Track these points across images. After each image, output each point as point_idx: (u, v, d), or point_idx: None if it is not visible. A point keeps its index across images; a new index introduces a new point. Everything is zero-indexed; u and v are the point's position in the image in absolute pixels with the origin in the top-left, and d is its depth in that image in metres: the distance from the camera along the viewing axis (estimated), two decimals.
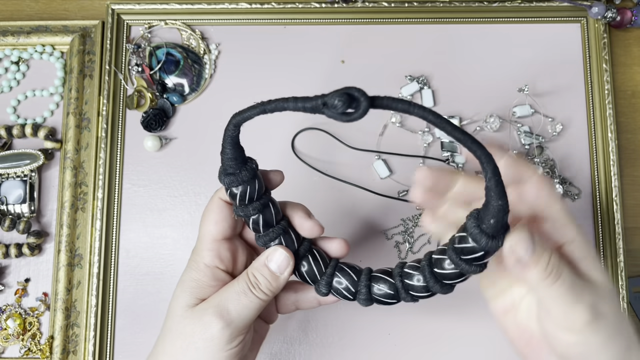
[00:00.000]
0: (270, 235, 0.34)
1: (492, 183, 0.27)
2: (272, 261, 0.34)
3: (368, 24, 0.54)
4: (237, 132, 0.32)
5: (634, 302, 0.49)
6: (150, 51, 0.53)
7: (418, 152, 0.52)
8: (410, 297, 0.34)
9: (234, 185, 0.33)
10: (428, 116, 0.26)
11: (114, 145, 0.52)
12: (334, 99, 0.25)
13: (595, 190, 0.51)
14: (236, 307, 0.33)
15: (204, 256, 0.34)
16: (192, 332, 0.33)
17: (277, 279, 0.33)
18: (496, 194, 0.27)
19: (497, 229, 0.28)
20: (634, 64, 0.54)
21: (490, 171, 0.27)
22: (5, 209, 0.50)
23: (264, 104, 0.28)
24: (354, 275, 0.36)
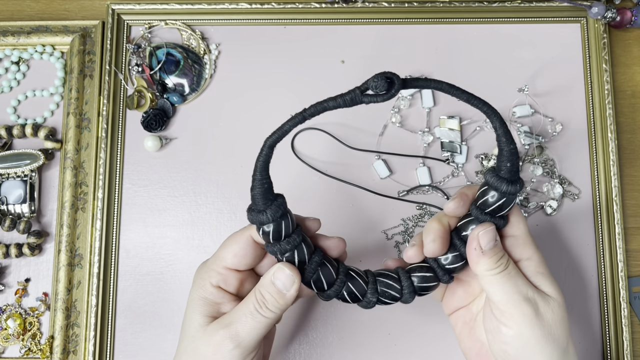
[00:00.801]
0: (311, 268, 0.36)
1: (501, 131, 0.32)
2: (278, 279, 0.34)
3: (368, 24, 0.54)
4: (270, 155, 0.32)
5: (634, 302, 0.49)
6: (150, 51, 0.53)
7: (418, 152, 0.52)
8: (446, 274, 0.37)
9: (265, 223, 0.33)
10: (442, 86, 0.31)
11: (114, 145, 0.52)
12: (376, 81, 0.29)
13: (595, 190, 0.51)
14: (245, 327, 0.34)
15: (211, 276, 0.36)
16: (205, 353, 0.34)
17: (284, 297, 0.34)
18: (507, 139, 0.32)
19: (513, 172, 0.33)
20: (633, 64, 0.54)
21: (497, 122, 0.32)
22: (6, 209, 0.50)
23: (303, 112, 0.30)
24: (394, 281, 0.37)
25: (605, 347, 0.48)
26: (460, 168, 0.51)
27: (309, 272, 0.35)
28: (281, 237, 0.34)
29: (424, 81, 0.31)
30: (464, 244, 0.36)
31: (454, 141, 0.51)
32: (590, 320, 0.49)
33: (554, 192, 0.50)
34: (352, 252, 0.50)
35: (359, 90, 0.29)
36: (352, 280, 0.37)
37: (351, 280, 0.37)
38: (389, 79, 0.30)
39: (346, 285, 0.37)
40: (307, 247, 0.35)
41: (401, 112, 0.52)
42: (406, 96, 0.52)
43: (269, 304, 0.34)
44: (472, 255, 0.34)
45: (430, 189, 0.51)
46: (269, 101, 0.53)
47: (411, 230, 0.50)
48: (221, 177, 0.52)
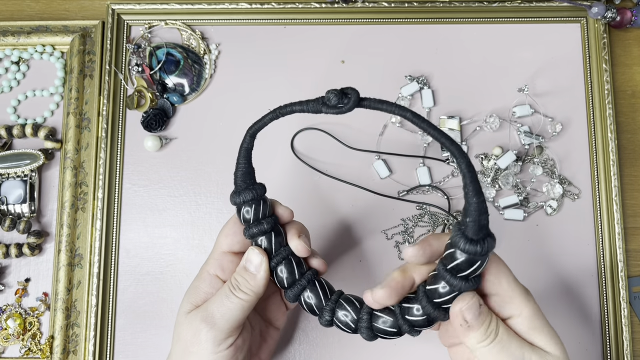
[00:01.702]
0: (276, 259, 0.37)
1: (468, 179, 0.29)
2: (249, 261, 0.36)
3: (368, 24, 0.54)
4: (252, 143, 0.36)
5: (634, 302, 0.49)
6: (150, 51, 0.53)
7: (418, 152, 0.52)
8: (413, 330, 0.34)
9: (246, 203, 0.36)
10: (406, 114, 0.30)
11: (114, 145, 0.52)
12: (329, 94, 0.31)
13: (595, 190, 0.51)
14: (220, 309, 0.35)
15: (209, 264, 0.37)
16: (186, 337, 0.36)
17: (255, 278, 0.35)
18: (473, 190, 0.29)
19: (476, 229, 0.29)
20: (633, 64, 0.54)
21: (464, 167, 0.28)
22: (6, 209, 0.50)
23: (275, 110, 0.33)
24: (354, 311, 0.36)
25: (605, 347, 0.48)
26: None
27: (273, 262, 0.37)
28: (256, 221, 0.36)
29: (387, 104, 0.30)
30: (429, 301, 0.33)
31: None
32: (590, 320, 0.49)
33: (554, 192, 0.50)
34: (352, 252, 0.50)
35: (322, 101, 0.31)
36: (313, 289, 0.37)
37: (313, 288, 0.37)
38: (347, 94, 0.31)
39: (306, 290, 0.37)
40: (277, 237, 0.37)
41: None
42: (406, 96, 0.52)
43: (242, 286, 0.35)
44: (459, 330, 0.32)
45: (430, 189, 0.51)
46: (269, 101, 0.53)
47: (411, 230, 0.50)
48: (221, 177, 0.52)
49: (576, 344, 0.48)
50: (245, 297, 0.35)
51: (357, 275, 0.49)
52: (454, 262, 0.31)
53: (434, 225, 0.50)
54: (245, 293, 0.35)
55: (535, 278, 0.49)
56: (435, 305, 0.33)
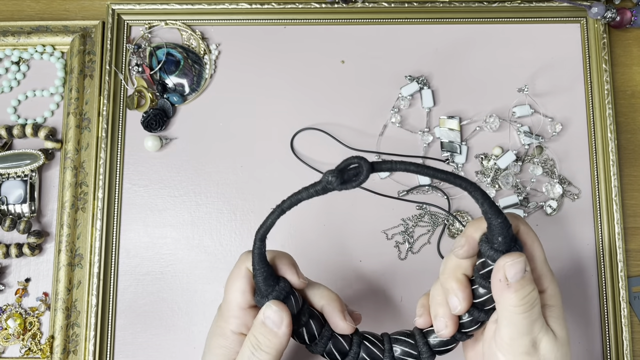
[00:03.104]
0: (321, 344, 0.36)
1: (486, 206, 0.30)
2: (267, 318, 0.33)
3: (368, 24, 0.54)
4: (263, 247, 0.33)
5: (634, 302, 0.49)
6: (150, 51, 0.53)
7: (418, 152, 0.52)
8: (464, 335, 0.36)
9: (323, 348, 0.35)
10: (422, 170, 0.29)
11: (114, 145, 0.52)
12: (328, 176, 0.28)
13: (595, 190, 0.51)
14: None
15: (230, 323, 0.35)
16: None
17: (277, 335, 0.33)
18: (493, 214, 0.30)
19: (507, 243, 0.31)
20: (633, 64, 0.54)
21: (480, 197, 0.30)
22: (6, 209, 0.50)
23: (280, 205, 0.30)
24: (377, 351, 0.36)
25: (605, 347, 0.48)
26: (460, 168, 0.51)
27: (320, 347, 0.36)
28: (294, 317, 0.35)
29: (401, 164, 0.29)
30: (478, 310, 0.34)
31: (454, 141, 0.51)
32: (590, 320, 0.49)
33: (553, 192, 0.50)
34: (352, 252, 0.50)
35: (325, 183, 0.29)
36: (367, 347, 0.36)
37: (366, 346, 0.37)
38: (344, 170, 0.29)
39: (360, 354, 0.36)
40: (316, 322, 0.36)
41: (401, 112, 0.52)
42: (406, 96, 0.52)
43: (263, 346, 0.33)
44: (496, 286, 0.32)
45: (430, 189, 0.51)
46: (269, 101, 0.53)
47: (411, 230, 0.50)
48: (221, 177, 0.52)
49: (576, 344, 0.48)
50: (269, 357, 0.33)
51: (358, 275, 0.49)
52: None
53: (433, 225, 0.50)
54: (268, 354, 0.33)
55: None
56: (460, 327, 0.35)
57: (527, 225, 0.34)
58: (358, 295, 0.49)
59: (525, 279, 0.31)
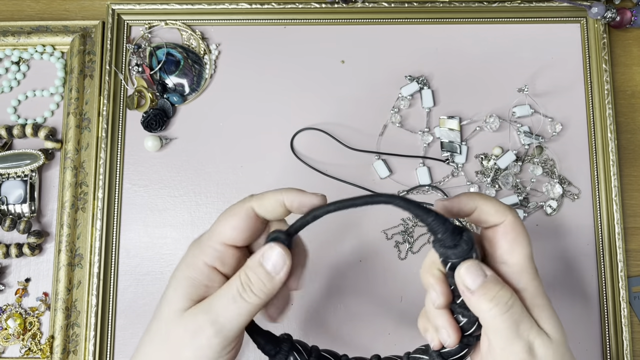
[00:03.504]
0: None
1: (413, 211, 0.30)
2: (268, 259, 0.30)
3: (368, 24, 0.54)
4: (252, 322, 0.33)
5: (634, 302, 0.49)
6: (150, 51, 0.53)
7: (418, 152, 0.52)
8: None
9: None
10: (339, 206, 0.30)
11: (114, 145, 0.52)
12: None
13: (595, 190, 0.51)
14: (227, 314, 0.30)
15: (206, 253, 0.31)
16: (180, 339, 0.30)
17: (273, 280, 0.30)
18: (422, 214, 0.30)
19: (451, 237, 0.30)
20: (633, 64, 0.54)
21: (403, 205, 0.30)
22: (6, 209, 0.50)
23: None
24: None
25: (605, 347, 0.48)
26: (460, 168, 0.51)
27: None
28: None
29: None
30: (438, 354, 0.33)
31: (454, 141, 0.51)
32: (590, 320, 0.49)
33: (553, 192, 0.50)
34: (352, 252, 0.50)
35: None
36: None
37: None
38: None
39: None
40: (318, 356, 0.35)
41: (401, 112, 0.52)
42: (406, 96, 0.52)
43: (255, 288, 0.30)
44: (466, 298, 0.31)
45: (430, 189, 0.51)
46: (268, 101, 0.53)
47: (411, 230, 0.50)
48: (221, 177, 0.52)
49: (576, 344, 0.48)
50: (258, 301, 0.30)
51: (357, 275, 0.49)
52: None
53: None
54: (258, 297, 0.30)
55: None
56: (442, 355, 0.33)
57: (517, 219, 0.32)
58: (358, 295, 0.49)
59: (490, 282, 0.30)
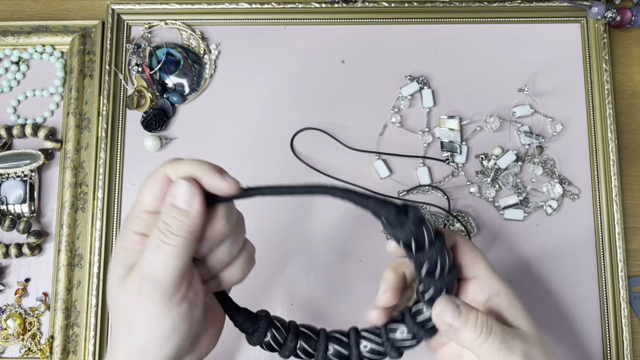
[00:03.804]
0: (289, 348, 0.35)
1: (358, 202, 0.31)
2: (177, 197, 0.30)
3: (368, 24, 0.54)
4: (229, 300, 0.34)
5: (634, 302, 0.49)
6: (150, 51, 0.53)
7: (418, 152, 0.52)
8: (396, 351, 0.34)
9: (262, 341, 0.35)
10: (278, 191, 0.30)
11: (114, 145, 0.52)
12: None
13: (595, 190, 0.51)
14: (156, 264, 0.29)
15: (134, 224, 0.31)
16: (127, 305, 0.30)
17: (189, 214, 0.29)
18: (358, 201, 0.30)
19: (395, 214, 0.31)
20: (634, 64, 0.54)
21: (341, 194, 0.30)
22: (6, 209, 0.50)
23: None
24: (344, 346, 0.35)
25: (605, 347, 0.48)
26: (460, 168, 0.51)
27: (287, 350, 0.35)
28: (281, 343, 0.34)
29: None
30: (414, 322, 0.34)
31: (454, 141, 0.51)
32: (590, 320, 0.49)
33: (554, 192, 0.50)
34: (352, 252, 0.50)
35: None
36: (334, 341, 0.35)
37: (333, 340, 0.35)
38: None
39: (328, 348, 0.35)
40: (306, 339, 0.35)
41: (401, 112, 0.52)
42: (406, 96, 0.52)
43: (174, 229, 0.29)
44: (450, 336, 0.32)
45: (430, 189, 0.51)
46: (268, 101, 0.53)
47: None
48: None
49: (576, 344, 0.48)
50: (182, 241, 0.29)
51: (357, 275, 0.49)
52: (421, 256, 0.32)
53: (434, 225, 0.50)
54: (179, 236, 0.29)
55: (535, 278, 0.49)
56: (419, 324, 0.33)
57: (463, 238, 0.35)
58: (358, 295, 0.49)
59: (464, 312, 0.32)
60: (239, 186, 0.31)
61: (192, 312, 0.30)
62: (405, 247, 0.31)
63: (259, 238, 0.52)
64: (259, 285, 0.49)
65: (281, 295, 0.49)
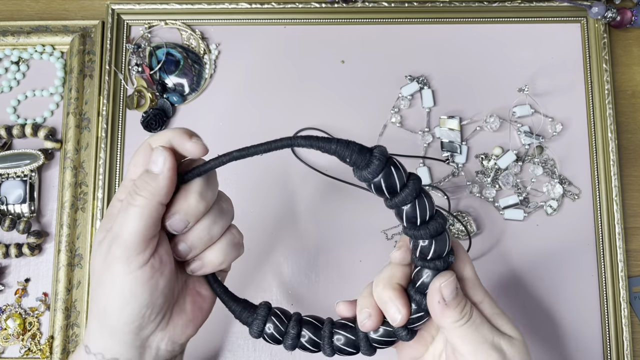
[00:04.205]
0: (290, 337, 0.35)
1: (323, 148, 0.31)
2: (151, 162, 0.31)
3: (368, 24, 0.54)
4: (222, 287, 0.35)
5: (634, 302, 0.49)
6: (150, 51, 0.53)
7: (418, 152, 0.52)
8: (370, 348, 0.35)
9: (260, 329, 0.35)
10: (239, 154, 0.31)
11: (114, 145, 0.52)
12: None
13: (595, 190, 0.51)
14: (122, 224, 0.30)
15: (119, 192, 0.33)
16: (99, 268, 0.31)
17: (156, 178, 0.31)
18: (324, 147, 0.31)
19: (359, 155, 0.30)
20: (634, 64, 0.54)
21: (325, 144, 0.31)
22: (5, 209, 0.50)
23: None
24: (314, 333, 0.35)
25: (605, 347, 0.48)
26: (460, 168, 0.51)
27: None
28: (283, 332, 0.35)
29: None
30: None
31: (454, 141, 0.51)
32: (590, 320, 0.49)
33: (554, 192, 0.50)
34: (352, 252, 0.50)
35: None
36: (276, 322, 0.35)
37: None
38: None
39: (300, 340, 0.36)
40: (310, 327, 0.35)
41: (401, 112, 0.52)
42: (406, 96, 0.52)
43: (140, 190, 0.31)
44: (436, 308, 0.33)
45: (430, 189, 0.51)
46: (268, 101, 0.53)
47: None
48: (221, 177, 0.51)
49: (576, 344, 0.48)
50: (145, 203, 0.30)
51: (357, 275, 0.49)
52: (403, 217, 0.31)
53: None
54: (144, 197, 0.30)
55: (535, 278, 0.49)
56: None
57: (455, 240, 0.36)
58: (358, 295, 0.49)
59: (459, 295, 0.33)
60: (205, 148, 0.32)
61: (155, 280, 0.31)
62: (377, 191, 0.30)
63: (259, 238, 0.52)
64: (258, 285, 0.49)
65: (281, 295, 0.49)
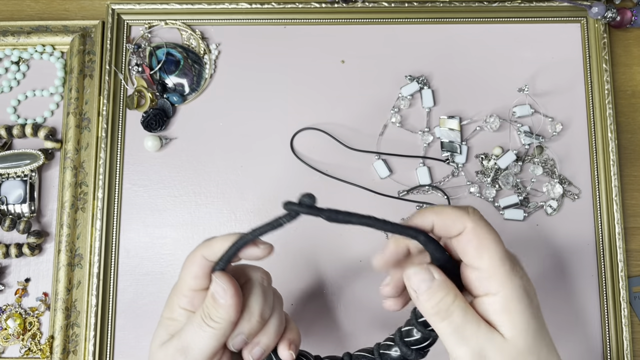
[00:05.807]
0: None
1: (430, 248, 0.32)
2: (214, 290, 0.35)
3: (368, 24, 0.54)
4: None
5: (634, 302, 0.49)
6: (150, 51, 0.53)
7: (418, 152, 0.52)
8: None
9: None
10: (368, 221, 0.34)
11: (114, 145, 0.52)
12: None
13: (595, 190, 0.51)
14: (194, 339, 0.35)
15: (180, 298, 0.37)
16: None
17: (222, 306, 0.35)
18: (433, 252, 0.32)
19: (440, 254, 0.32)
20: (634, 64, 0.54)
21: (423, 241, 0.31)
22: (6, 209, 0.50)
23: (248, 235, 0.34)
24: None
25: (605, 347, 0.48)
26: (460, 168, 0.51)
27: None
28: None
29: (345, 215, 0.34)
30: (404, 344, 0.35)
31: (454, 141, 0.51)
32: (590, 320, 0.49)
33: (554, 192, 0.50)
34: (352, 252, 0.50)
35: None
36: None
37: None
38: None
39: None
40: None
41: (401, 112, 0.52)
42: (406, 96, 0.52)
43: (212, 315, 0.35)
44: (412, 296, 0.33)
45: (430, 189, 0.51)
46: (268, 101, 0.53)
47: None
48: (221, 177, 0.52)
49: (576, 344, 0.48)
50: (218, 326, 0.35)
51: (358, 276, 0.49)
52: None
53: None
54: (216, 322, 0.35)
55: (535, 278, 0.49)
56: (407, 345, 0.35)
57: (477, 224, 0.32)
58: (358, 295, 0.49)
59: (434, 288, 0.32)
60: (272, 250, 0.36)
61: None
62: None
63: None
64: None
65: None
